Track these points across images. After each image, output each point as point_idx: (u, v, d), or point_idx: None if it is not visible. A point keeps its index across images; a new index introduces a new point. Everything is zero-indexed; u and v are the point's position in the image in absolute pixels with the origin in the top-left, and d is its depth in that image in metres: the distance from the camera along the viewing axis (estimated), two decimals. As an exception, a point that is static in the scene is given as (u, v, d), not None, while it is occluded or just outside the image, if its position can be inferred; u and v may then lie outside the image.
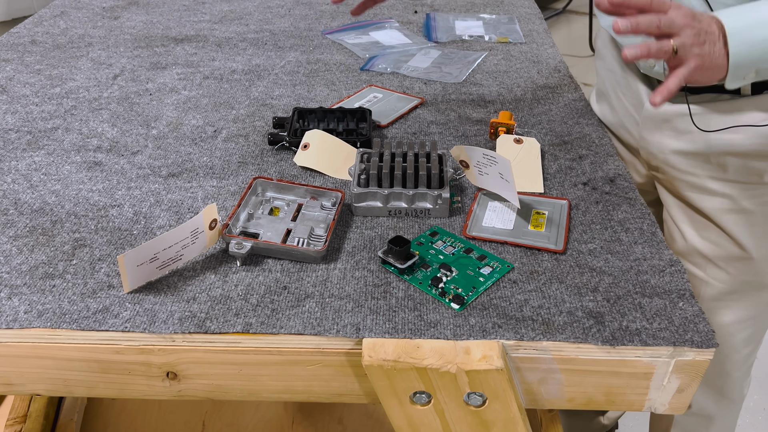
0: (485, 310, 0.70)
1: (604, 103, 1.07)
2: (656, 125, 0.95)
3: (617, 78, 1.02)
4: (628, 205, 0.86)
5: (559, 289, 0.73)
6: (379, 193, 0.83)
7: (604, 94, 1.07)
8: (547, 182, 0.91)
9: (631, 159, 1.06)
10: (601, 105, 1.09)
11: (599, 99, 1.09)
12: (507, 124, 0.99)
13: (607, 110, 1.06)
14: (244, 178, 0.92)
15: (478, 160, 0.84)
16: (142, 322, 0.68)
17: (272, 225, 0.81)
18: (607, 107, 1.06)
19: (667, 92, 0.73)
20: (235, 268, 0.76)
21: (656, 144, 0.96)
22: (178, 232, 0.72)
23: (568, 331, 0.67)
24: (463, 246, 0.78)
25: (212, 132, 1.03)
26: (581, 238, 0.81)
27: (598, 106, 1.10)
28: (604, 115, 1.07)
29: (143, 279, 0.72)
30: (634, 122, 0.99)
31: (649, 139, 0.97)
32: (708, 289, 0.99)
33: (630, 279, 0.74)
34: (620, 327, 0.68)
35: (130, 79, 1.20)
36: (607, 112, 1.07)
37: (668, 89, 0.73)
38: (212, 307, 0.70)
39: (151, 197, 0.88)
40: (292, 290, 0.72)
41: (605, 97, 1.07)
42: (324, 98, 1.14)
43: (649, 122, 0.96)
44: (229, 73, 1.23)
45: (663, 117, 0.93)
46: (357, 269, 0.75)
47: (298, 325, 0.68)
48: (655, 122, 0.95)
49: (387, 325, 0.68)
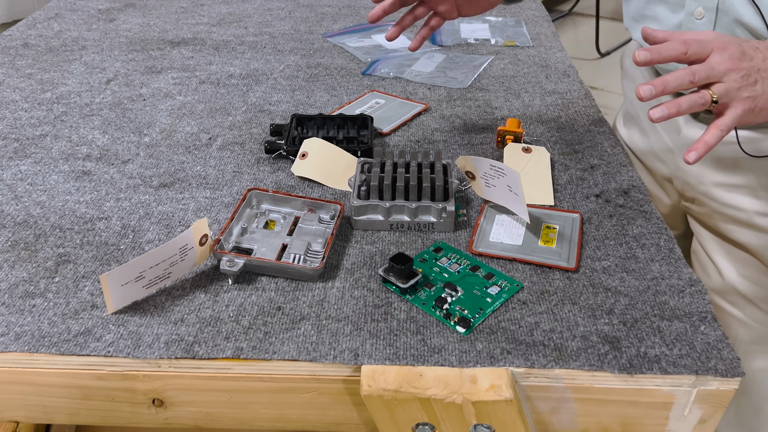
0: (493, 333, 0.65)
1: (633, 128, 0.98)
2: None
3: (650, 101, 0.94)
4: (644, 219, 0.82)
5: (572, 311, 0.68)
6: (380, 205, 0.79)
7: (634, 118, 0.97)
8: (557, 194, 0.87)
9: (657, 189, 0.97)
10: (629, 130, 1.00)
11: (627, 123, 1.00)
12: (515, 133, 0.94)
13: (637, 136, 0.97)
14: (238, 188, 0.87)
15: (485, 172, 0.79)
16: (125, 346, 0.64)
17: (267, 240, 0.76)
18: (637, 133, 0.97)
19: (704, 148, 0.64)
20: (226, 286, 0.71)
21: (695, 174, 0.87)
22: (166, 248, 0.67)
23: (582, 358, 0.63)
24: (469, 263, 0.74)
25: (207, 139, 0.99)
26: (594, 254, 0.76)
27: (626, 131, 1.01)
28: (632, 141, 0.99)
29: (128, 299, 0.68)
30: (668, 150, 0.91)
31: (687, 169, 0.88)
32: (746, 331, 0.90)
33: (647, 300, 0.69)
34: (638, 353, 0.63)
35: (124, 84, 1.16)
36: (636, 138, 0.97)
37: (706, 144, 0.64)
38: (201, 329, 0.66)
39: (140, 209, 0.83)
40: (287, 311, 0.68)
41: (635, 122, 0.97)
42: (324, 104, 1.09)
43: (685, 149, 0.85)
44: (226, 77, 1.18)
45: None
46: (356, 288, 0.71)
47: (293, 350, 0.63)
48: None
49: (388, 350, 0.63)
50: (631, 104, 0.98)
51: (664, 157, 0.93)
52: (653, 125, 0.93)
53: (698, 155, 0.64)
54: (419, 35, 0.91)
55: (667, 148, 0.91)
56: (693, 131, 0.85)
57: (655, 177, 0.97)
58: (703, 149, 0.64)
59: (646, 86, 0.62)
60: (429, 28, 0.91)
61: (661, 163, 0.94)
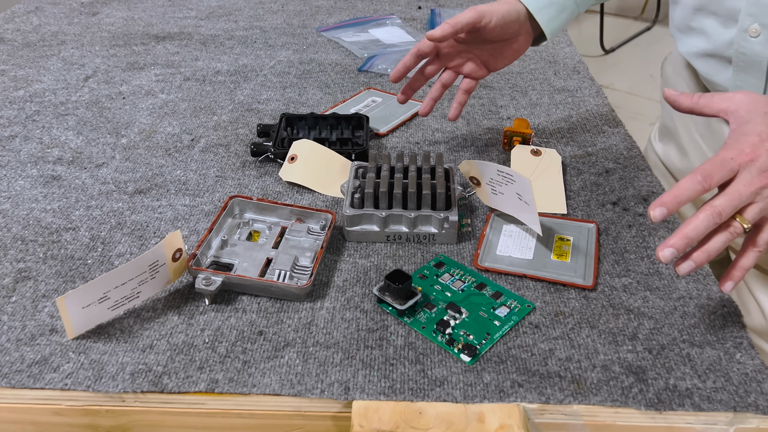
0: (502, 363, 0.58)
1: (670, 144, 0.90)
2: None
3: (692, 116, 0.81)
4: (666, 229, 0.74)
5: (590, 336, 0.60)
6: (375, 215, 0.71)
7: (672, 132, 0.89)
8: (570, 201, 0.79)
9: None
10: (666, 145, 0.91)
11: (664, 138, 0.92)
12: (523, 134, 0.87)
13: (674, 153, 0.89)
14: (221, 195, 0.80)
15: (491, 178, 0.71)
16: (86, 378, 0.56)
17: (250, 253, 0.69)
18: (674, 149, 0.89)
19: (741, 275, 0.57)
20: (202, 307, 0.64)
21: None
22: (133, 265, 0.60)
23: (603, 392, 0.55)
24: (474, 280, 0.66)
25: (189, 141, 0.91)
26: (613, 270, 0.68)
27: (661, 146, 0.93)
28: (668, 158, 0.91)
29: (92, 322, 0.61)
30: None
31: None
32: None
33: (675, 323, 0.62)
34: (667, 386, 0.56)
35: (103, 81, 1.08)
36: (673, 155, 0.89)
37: (743, 270, 0.57)
38: (172, 358, 0.58)
39: (112, 218, 0.76)
40: (269, 336, 0.60)
41: (672, 137, 0.89)
42: (317, 102, 1.02)
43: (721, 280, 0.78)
44: (213, 74, 1.11)
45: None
46: (348, 309, 0.63)
47: (275, 383, 0.56)
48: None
49: (383, 383, 0.56)
50: (669, 117, 0.89)
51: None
52: (694, 141, 0.85)
53: (735, 283, 0.57)
54: (456, 102, 0.82)
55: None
56: None
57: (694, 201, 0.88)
58: (741, 276, 0.57)
59: (667, 250, 0.54)
60: (463, 92, 0.82)
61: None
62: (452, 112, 0.82)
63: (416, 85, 0.82)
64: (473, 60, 0.80)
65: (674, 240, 0.54)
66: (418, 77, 0.82)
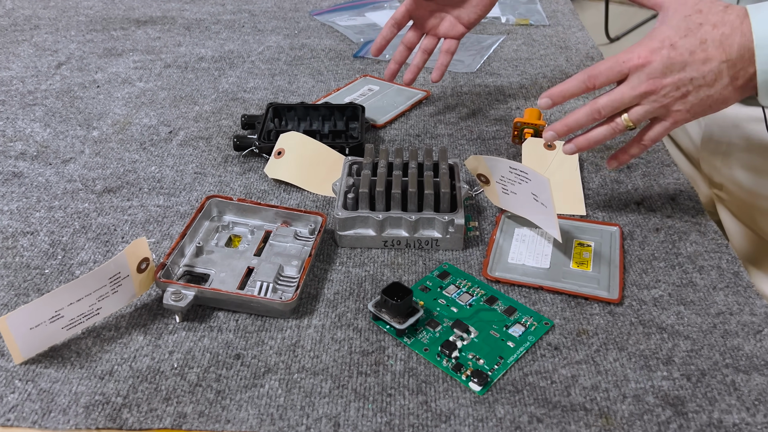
0: (518, 393, 0.50)
1: None
2: (723, 131, 0.74)
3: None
4: (698, 233, 0.66)
5: (618, 360, 0.52)
6: (371, 218, 0.63)
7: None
8: (588, 201, 0.71)
9: (693, 173, 0.85)
10: None
11: None
12: (535, 125, 0.78)
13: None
14: (199, 194, 0.72)
15: (502, 175, 0.63)
16: (32, 412, 0.48)
17: (228, 262, 0.60)
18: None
19: (627, 159, 0.63)
20: (172, 325, 0.55)
21: (721, 155, 0.75)
22: (91, 279, 0.52)
23: (637, 428, 0.47)
24: (483, 293, 0.58)
25: (167, 133, 0.83)
26: (641, 280, 0.60)
27: None
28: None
29: (43, 343, 0.52)
30: (696, 123, 0.79)
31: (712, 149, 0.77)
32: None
33: (715, 344, 0.54)
34: (710, 421, 0.48)
35: (77, 69, 0.99)
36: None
37: (630, 155, 0.63)
38: (134, 386, 0.50)
39: (76, 221, 0.67)
40: (248, 360, 0.52)
41: None
42: (308, 91, 0.93)
43: (713, 127, 0.75)
44: (196, 60, 1.02)
45: (732, 121, 0.73)
46: (339, 328, 0.55)
47: (252, 418, 0.48)
48: (722, 128, 0.74)
49: (379, 418, 0.48)
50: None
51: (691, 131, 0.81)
52: None
53: (618, 164, 0.64)
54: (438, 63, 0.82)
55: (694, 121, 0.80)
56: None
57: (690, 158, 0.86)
58: (624, 160, 0.64)
59: (549, 132, 0.61)
60: (445, 53, 0.81)
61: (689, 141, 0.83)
62: (435, 73, 0.82)
63: (400, 57, 0.81)
64: (446, 19, 0.79)
65: (557, 125, 0.61)
66: (400, 49, 0.81)
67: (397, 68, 0.81)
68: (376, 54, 0.80)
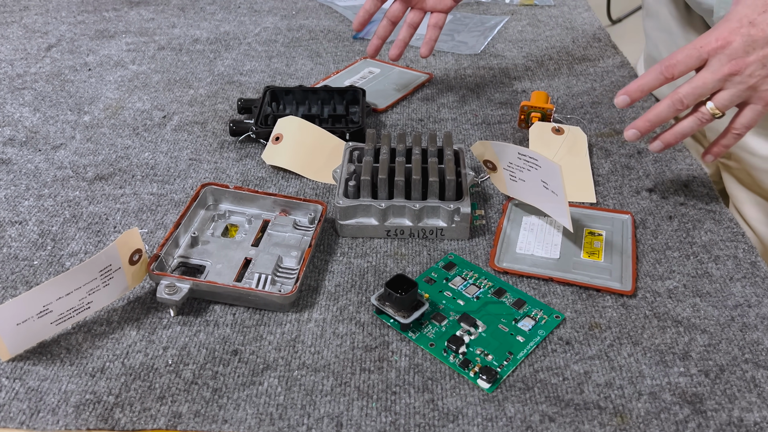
0: (528, 390, 0.47)
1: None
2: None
3: (677, 41, 0.79)
4: (713, 221, 0.64)
5: (633, 355, 0.50)
6: (373, 206, 0.60)
7: (657, 60, 0.82)
8: (598, 188, 0.68)
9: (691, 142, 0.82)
10: None
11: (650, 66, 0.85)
12: (543, 109, 0.76)
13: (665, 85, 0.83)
14: (194, 181, 0.69)
15: (510, 162, 0.61)
16: (20, 412, 0.46)
17: (225, 252, 0.58)
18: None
19: (721, 151, 0.60)
20: (167, 319, 0.53)
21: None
22: (80, 272, 0.49)
23: (653, 427, 0.45)
24: (491, 285, 0.56)
25: (160, 118, 0.80)
26: (655, 271, 0.58)
27: None
28: (659, 91, 0.82)
29: (31, 339, 0.50)
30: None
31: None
32: None
33: (734, 338, 0.52)
34: (730, 419, 0.46)
35: (68, 51, 0.96)
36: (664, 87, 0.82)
37: (724, 147, 0.60)
38: (127, 384, 0.48)
39: (66, 210, 0.65)
40: (246, 357, 0.50)
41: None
42: (306, 74, 0.90)
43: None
44: (191, 42, 0.99)
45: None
46: (341, 322, 0.53)
47: (251, 417, 0.46)
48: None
49: (383, 417, 0.46)
50: (655, 47, 0.83)
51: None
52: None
53: (716, 156, 0.61)
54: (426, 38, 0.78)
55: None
56: None
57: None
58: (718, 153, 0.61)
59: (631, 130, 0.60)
60: (432, 28, 0.78)
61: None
62: (423, 48, 0.78)
63: (384, 32, 0.77)
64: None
65: (639, 122, 0.59)
66: (384, 24, 0.77)
67: (381, 44, 0.77)
68: (358, 29, 0.75)
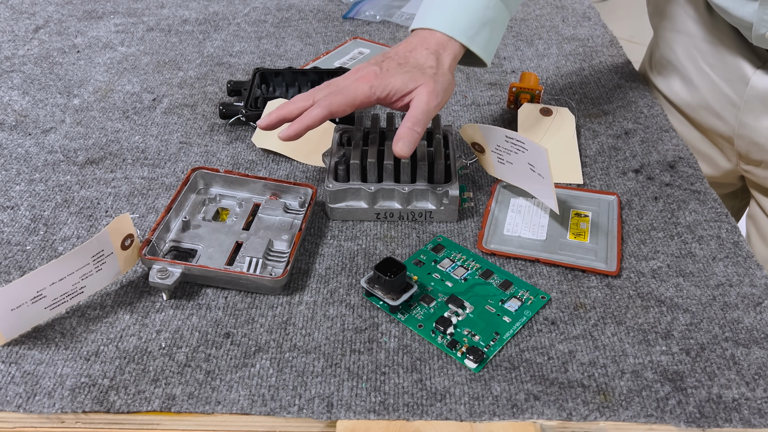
0: (514, 369, 0.49)
1: (673, 77, 0.79)
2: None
3: (697, 45, 0.74)
4: (697, 201, 0.65)
5: (617, 335, 0.51)
6: (363, 189, 0.61)
7: (673, 65, 0.78)
8: (585, 169, 0.69)
9: (709, 149, 0.78)
10: (669, 79, 0.80)
11: (664, 71, 0.81)
12: (531, 90, 0.76)
13: (679, 87, 0.78)
14: (185, 165, 0.69)
15: (498, 144, 0.61)
16: (16, 395, 0.47)
17: (216, 236, 0.59)
18: (679, 82, 0.78)
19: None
20: (159, 303, 0.54)
21: (766, 132, 0.69)
22: (73, 258, 0.50)
23: (635, 404, 0.46)
24: (479, 267, 0.57)
25: (150, 101, 0.80)
26: (639, 251, 0.59)
27: (662, 80, 0.81)
28: (673, 92, 0.79)
29: (26, 324, 0.51)
30: (730, 104, 0.72)
31: (755, 126, 0.70)
32: None
33: (715, 317, 0.53)
34: (709, 396, 0.47)
35: (56, 33, 0.96)
36: (679, 89, 0.78)
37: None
38: (121, 368, 0.49)
39: (58, 194, 0.65)
40: (238, 339, 0.51)
41: (675, 70, 0.78)
42: (296, 55, 0.90)
43: (756, 104, 0.69)
44: (180, 23, 0.98)
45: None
46: (331, 304, 0.54)
47: (243, 399, 0.47)
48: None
49: (373, 397, 0.47)
50: (671, 49, 0.78)
51: (723, 112, 0.73)
52: (704, 73, 0.74)
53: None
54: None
55: (728, 101, 0.72)
56: (765, 81, 0.67)
57: (708, 135, 0.78)
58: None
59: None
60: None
61: (718, 120, 0.74)
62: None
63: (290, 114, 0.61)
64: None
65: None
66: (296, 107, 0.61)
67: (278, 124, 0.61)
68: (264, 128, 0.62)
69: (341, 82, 0.60)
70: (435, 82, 0.59)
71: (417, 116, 0.58)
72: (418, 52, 0.61)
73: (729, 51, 0.70)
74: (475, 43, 0.62)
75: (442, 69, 0.60)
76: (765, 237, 0.76)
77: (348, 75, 0.61)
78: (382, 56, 0.62)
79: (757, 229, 0.78)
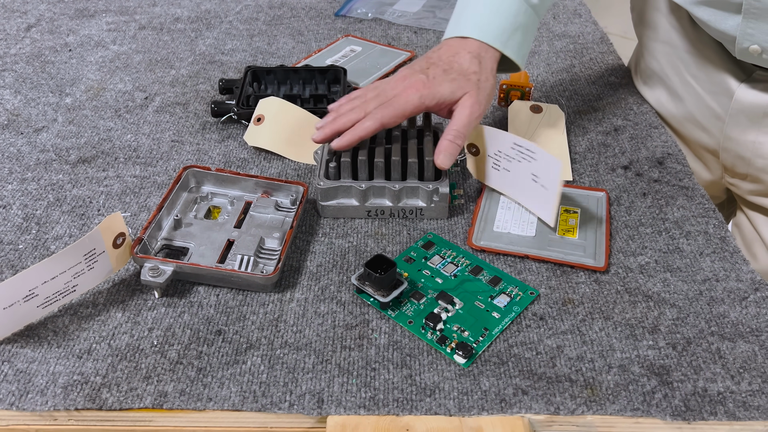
0: (503, 365, 0.49)
1: (659, 89, 0.78)
2: (753, 121, 0.68)
3: (681, 56, 0.74)
4: (685, 197, 0.65)
5: (604, 329, 0.52)
6: (353, 187, 0.61)
7: (659, 76, 0.78)
8: (575, 165, 0.70)
9: (693, 162, 0.78)
10: (653, 90, 0.79)
11: (650, 82, 0.80)
12: (522, 87, 0.76)
13: (665, 98, 0.78)
14: (176, 163, 0.70)
15: (498, 150, 0.62)
16: (9, 393, 0.47)
17: (208, 234, 0.59)
18: (665, 94, 0.78)
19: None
20: (151, 301, 0.54)
21: (751, 146, 0.69)
22: (65, 256, 0.50)
23: (622, 398, 0.47)
24: (468, 263, 0.57)
25: (142, 99, 0.80)
26: (627, 247, 0.60)
27: (649, 91, 0.80)
28: (660, 104, 0.79)
29: (19, 322, 0.51)
30: (715, 117, 0.72)
31: (740, 139, 0.70)
32: None
33: (701, 312, 0.53)
34: (695, 390, 0.48)
35: (47, 31, 0.96)
36: (665, 101, 0.78)
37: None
38: (113, 365, 0.49)
39: (50, 193, 0.65)
40: (230, 336, 0.51)
41: (661, 81, 0.78)
42: (288, 53, 0.90)
43: (741, 117, 0.69)
44: (172, 21, 0.99)
45: (765, 110, 0.67)
46: (322, 301, 0.54)
47: (235, 395, 0.47)
48: (752, 117, 0.68)
49: (363, 392, 0.47)
50: (655, 60, 0.78)
51: (708, 125, 0.73)
52: (689, 85, 0.74)
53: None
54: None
55: (713, 114, 0.72)
56: (749, 95, 0.67)
57: (693, 148, 0.78)
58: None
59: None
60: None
61: (703, 132, 0.74)
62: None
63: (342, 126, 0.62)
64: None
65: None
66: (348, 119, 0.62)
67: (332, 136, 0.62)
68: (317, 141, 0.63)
69: (389, 92, 0.61)
70: (479, 90, 0.60)
71: (459, 129, 0.60)
72: (461, 56, 0.62)
73: (713, 64, 0.70)
74: (508, 47, 0.63)
75: (485, 73, 0.62)
76: (750, 248, 0.76)
77: (395, 83, 0.61)
78: (426, 62, 0.63)
79: (743, 241, 0.77)
